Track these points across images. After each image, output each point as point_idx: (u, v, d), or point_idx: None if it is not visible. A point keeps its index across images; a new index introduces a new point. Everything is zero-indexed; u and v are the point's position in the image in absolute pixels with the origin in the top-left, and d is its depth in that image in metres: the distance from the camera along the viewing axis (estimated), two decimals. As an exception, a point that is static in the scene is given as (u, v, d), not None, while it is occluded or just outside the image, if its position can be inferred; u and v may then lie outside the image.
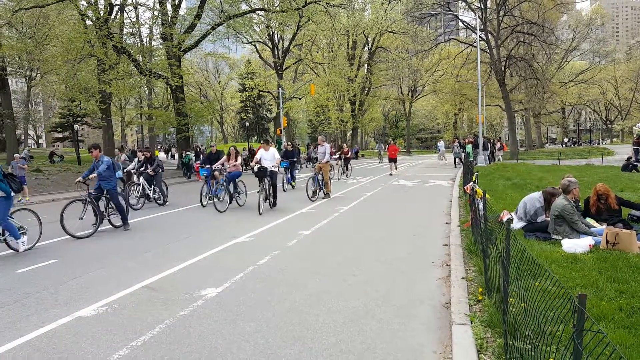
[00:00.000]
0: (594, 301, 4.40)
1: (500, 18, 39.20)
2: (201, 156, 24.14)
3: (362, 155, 54.21)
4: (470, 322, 4.26)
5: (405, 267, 6.52)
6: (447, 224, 9.78)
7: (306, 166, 34.14)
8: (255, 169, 12.23)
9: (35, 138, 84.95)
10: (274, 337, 4.22)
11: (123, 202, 10.55)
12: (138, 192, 14.07)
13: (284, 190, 17.09)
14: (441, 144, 38.39)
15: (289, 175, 18.24)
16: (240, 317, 4.73)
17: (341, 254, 7.38)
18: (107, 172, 9.94)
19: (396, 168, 25.47)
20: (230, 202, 13.00)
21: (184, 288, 5.72)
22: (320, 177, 14.67)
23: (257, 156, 12.80)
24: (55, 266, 7.00)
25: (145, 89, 52.84)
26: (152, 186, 14.45)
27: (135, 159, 15.33)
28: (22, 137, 57.74)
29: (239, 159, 13.70)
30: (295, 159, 19.12)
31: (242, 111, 69.74)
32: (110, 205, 10.27)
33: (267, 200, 12.40)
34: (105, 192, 10.09)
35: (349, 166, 24.66)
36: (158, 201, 14.52)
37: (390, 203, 13.59)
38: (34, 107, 71.31)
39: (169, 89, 36.05)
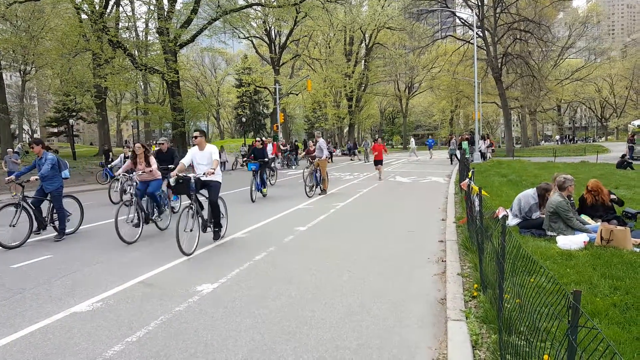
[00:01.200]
0: (588, 297, 4.41)
1: (497, 15, 39.17)
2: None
3: (359, 152, 54.11)
4: (465, 318, 4.27)
5: (401, 263, 6.53)
6: (442, 220, 9.80)
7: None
8: (172, 182, 7.57)
9: (30, 133, 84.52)
10: (269, 333, 4.22)
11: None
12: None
13: (252, 201, 13.40)
14: (412, 142, 41.73)
15: (258, 180, 14.19)
16: (235, 312, 4.73)
17: (337, 249, 7.38)
18: (51, 171, 8.66)
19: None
20: (146, 223, 9.03)
21: (180, 284, 5.71)
22: (317, 173, 14.68)
23: (185, 159, 8.17)
24: (49, 262, 6.98)
25: (141, 83, 52.63)
26: None
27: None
28: (17, 132, 57.48)
29: (154, 162, 9.52)
30: (266, 160, 14.95)
31: (239, 107, 69.49)
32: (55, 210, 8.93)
33: (210, 228, 8.13)
34: (47, 194, 8.85)
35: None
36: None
37: (387, 199, 13.60)
38: (29, 102, 70.94)
39: (164, 84, 35.93)
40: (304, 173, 15.18)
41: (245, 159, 14.26)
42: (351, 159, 39.55)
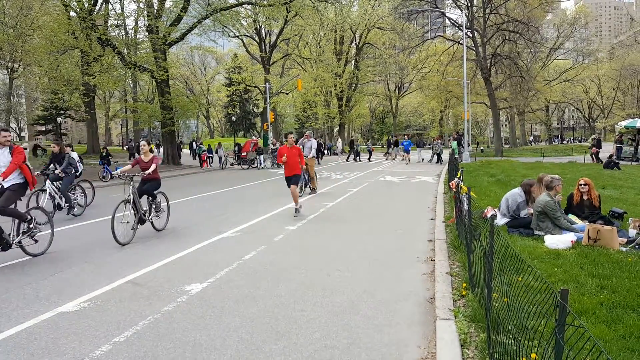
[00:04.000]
0: (575, 296, 4.46)
1: (487, 16, 39.46)
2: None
3: (350, 151, 54.18)
4: (454, 317, 4.29)
5: (390, 262, 6.55)
6: (432, 219, 9.83)
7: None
8: None
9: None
10: (258, 332, 4.21)
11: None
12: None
13: None
14: (339, 142, 44.81)
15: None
16: (225, 312, 4.71)
17: (327, 249, 7.38)
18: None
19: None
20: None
21: (168, 283, 5.67)
22: (305, 172, 14.64)
23: None
24: (36, 261, 6.89)
25: (130, 82, 52.24)
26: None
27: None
28: (4, 130, 56.65)
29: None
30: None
31: (229, 105, 69.33)
32: None
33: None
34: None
35: (157, 204, 9.16)
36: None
37: (376, 199, 13.62)
38: (16, 100, 70.07)
39: (154, 82, 35.66)
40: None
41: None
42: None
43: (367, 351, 3.83)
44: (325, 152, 39.36)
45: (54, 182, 10.86)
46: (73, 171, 11.34)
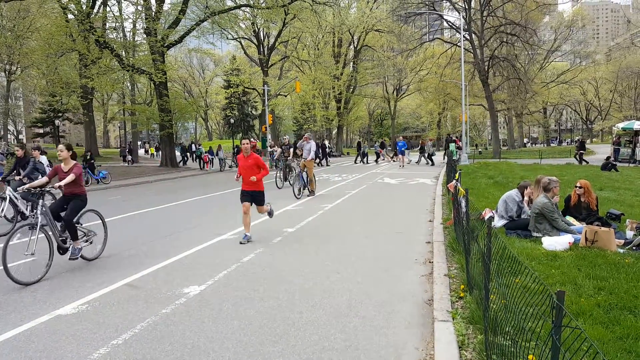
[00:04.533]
0: (573, 298, 4.46)
1: (484, 18, 39.55)
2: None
3: (348, 153, 54.33)
4: (452, 319, 4.30)
5: (389, 264, 6.55)
6: (430, 221, 9.84)
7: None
8: None
9: (15, 133, 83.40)
10: (257, 335, 4.21)
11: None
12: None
13: None
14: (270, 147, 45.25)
15: None
16: (223, 314, 4.71)
17: (325, 251, 7.38)
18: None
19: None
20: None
21: (166, 286, 5.67)
22: (304, 174, 14.65)
23: None
24: (33, 264, 6.86)
25: (128, 84, 52.16)
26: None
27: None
28: (2, 132, 56.69)
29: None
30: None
31: (227, 108, 69.33)
32: None
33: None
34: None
35: (67, 224, 6.87)
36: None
37: (375, 201, 13.63)
38: (14, 102, 69.99)
39: (152, 84, 35.65)
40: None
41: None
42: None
43: (365, 353, 3.83)
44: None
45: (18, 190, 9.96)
46: (40, 177, 9.69)
